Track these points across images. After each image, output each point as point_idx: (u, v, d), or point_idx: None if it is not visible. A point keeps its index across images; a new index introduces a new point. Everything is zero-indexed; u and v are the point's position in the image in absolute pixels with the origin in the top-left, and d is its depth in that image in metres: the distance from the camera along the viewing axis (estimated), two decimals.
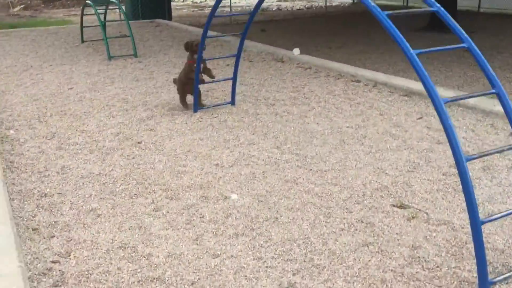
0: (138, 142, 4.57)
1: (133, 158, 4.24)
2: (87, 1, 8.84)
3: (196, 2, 22.59)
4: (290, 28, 12.94)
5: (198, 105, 5.41)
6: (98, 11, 9.67)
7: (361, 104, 5.60)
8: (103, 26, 8.30)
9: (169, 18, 14.10)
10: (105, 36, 8.24)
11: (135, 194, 3.61)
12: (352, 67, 7.11)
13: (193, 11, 18.71)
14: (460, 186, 3.72)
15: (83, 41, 9.92)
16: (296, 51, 7.95)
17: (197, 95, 5.30)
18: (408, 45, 2.59)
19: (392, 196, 3.54)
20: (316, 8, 19.59)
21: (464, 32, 2.80)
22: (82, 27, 9.70)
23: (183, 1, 23.13)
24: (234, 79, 5.45)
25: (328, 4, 18.28)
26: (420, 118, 5.09)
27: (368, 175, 3.88)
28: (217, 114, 5.33)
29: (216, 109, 5.48)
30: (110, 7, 9.27)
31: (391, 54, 9.05)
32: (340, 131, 4.80)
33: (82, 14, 9.45)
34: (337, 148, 4.41)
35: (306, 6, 20.30)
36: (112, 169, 4.01)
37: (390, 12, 2.75)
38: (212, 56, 6.90)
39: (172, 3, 22.96)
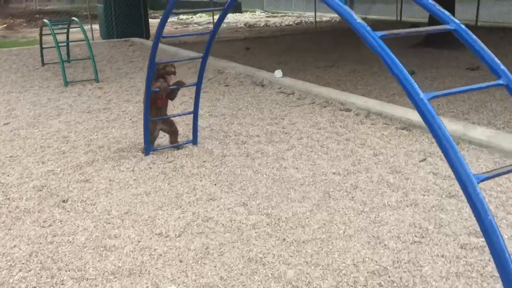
0: (63, 201, 3.54)
1: (50, 225, 3.21)
2: (43, 20, 7.89)
3: (182, 19, 21.77)
4: (277, 46, 12.06)
5: (151, 145, 4.43)
6: (60, 30, 8.76)
7: (351, 140, 4.61)
8: (59, 48, 7.33)
9: (147, 36, 13.17)
10: (61, 58, 7.26)
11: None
12: (341, 93, 6.14)
13: (176, 28, 17.84)
14: (488, 268, 2.75)
15: (43, 64, 8.95)
16: (278, 73, 7.00)
17: (149, 132, 4.28)
18: (416, 86, 1.62)
19: (395, 285, 2.54)
20: (305, 24, 18.79)
21: (499, 62, 1.84)
22: (42, 48, 8.73)
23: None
24: (195, 113, 4.45)
25: (318, 19, 17.49)
26: (424, 160, 4.10)
27: (361, 248, 2.88)
28: (174, 157, 4.32)
29: (174, 150, 4.47)
30: (73, 26, 8.33)
31: (386, 75, 8.15)
32: (324, 179, 3.80)
33: (41, 34, 8.50)
34: (320, 205, 3.41)
35: (296, 21, 19.51)
36: (15, 245, 2.98)
37: (386, 33, 1.79)
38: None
39: (155, 20, 22.11)
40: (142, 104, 4.29)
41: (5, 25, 21.35)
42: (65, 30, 8.78)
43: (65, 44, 8.92)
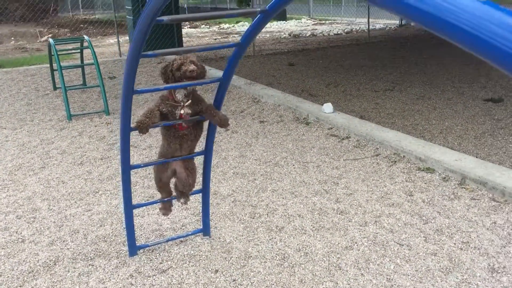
0: None
1: None
2: (49, 39, 6.72)
3: (223, 28, 20.54)
4: (325, 61, 10.48)
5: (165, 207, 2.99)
6: (77, 49, 7.61)
7: (444, 233, 3.00)
8: (63, 71, 6.11)
9: None
10: (64, 86, 6.03)
11: None
12: (417, 142, 4.46)
13: (215, 39, 16.58)
14: None
15: (55, 88, 7.81)
16: (328, 107, 5.45)
17: (132, 220, 2.83)
18: None
19: None
20: (356, 33, 17.05)
21: None
22: (52, 71, 7.60)
23: (209, 27, 21.14)
24: (204, 192, 2.96)
25: (371, 27, 15.74)
26: None
27: None
28: (171, 260, 2.85)
29: (174, 246, 3.01)
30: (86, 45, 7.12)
31: (464, 101, 6.45)
32: None
33: (50, 54, 7.35)
34: None
35: (345, 30, 17.79)
36: None
37: None
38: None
39: (196, 29, 21.01)
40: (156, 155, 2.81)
41: (50, 35, 20.84)
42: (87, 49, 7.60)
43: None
